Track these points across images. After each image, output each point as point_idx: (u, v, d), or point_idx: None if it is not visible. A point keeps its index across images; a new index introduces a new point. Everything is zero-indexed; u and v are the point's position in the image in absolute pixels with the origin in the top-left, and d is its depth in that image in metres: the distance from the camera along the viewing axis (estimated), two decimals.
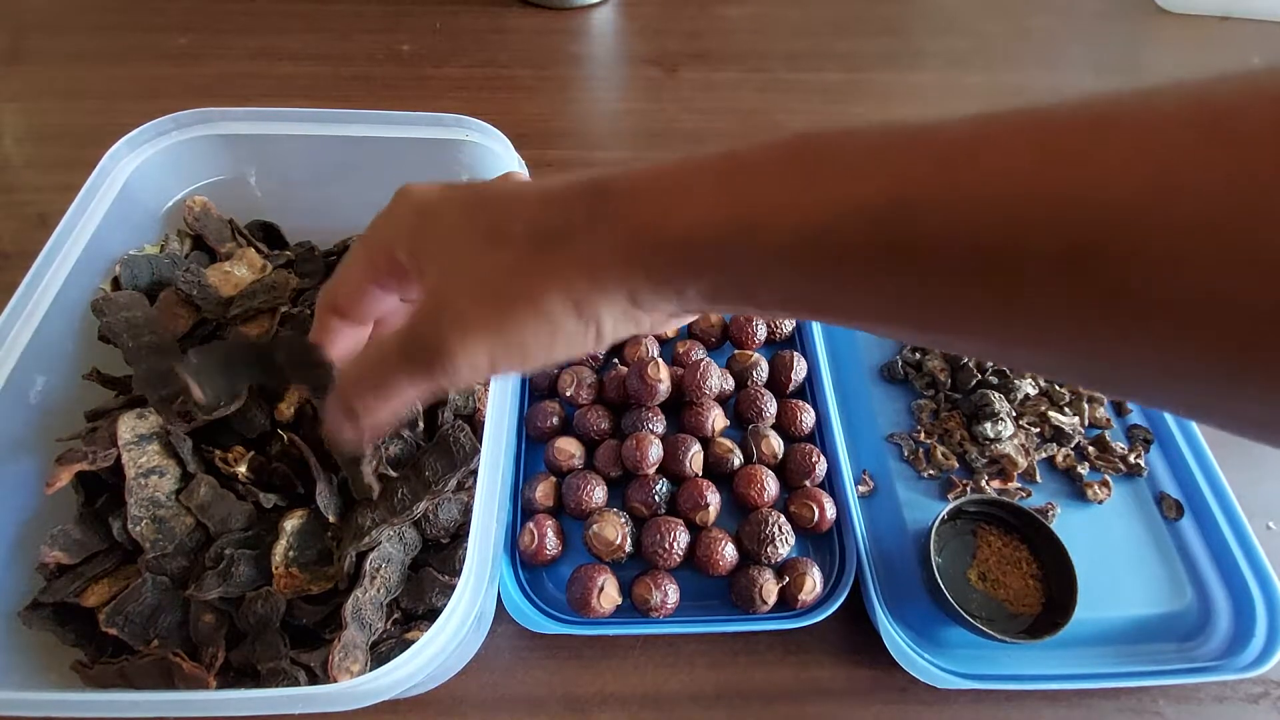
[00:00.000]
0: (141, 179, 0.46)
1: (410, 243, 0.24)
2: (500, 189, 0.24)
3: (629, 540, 0.44)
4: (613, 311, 0.22)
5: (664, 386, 0.48)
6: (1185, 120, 0.14)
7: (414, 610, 0.37)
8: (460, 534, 0.39)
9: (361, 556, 0.36)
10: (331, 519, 0.37)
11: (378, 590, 0.36)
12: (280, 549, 0.35)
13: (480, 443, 0.36)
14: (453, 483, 0.37)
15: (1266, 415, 0.16)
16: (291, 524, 0.36)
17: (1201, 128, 0.14)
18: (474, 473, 0.37)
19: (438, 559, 0.38)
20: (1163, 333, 0.15)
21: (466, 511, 0.39)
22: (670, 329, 0.28)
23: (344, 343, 0.29)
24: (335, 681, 0.32)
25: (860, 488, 0.49)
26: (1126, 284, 0.15)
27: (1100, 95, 0.16)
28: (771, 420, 0.50)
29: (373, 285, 0.26)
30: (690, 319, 0.27)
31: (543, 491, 0.46)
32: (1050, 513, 0.48)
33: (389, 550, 0.36)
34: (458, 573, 0.36)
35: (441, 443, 0.38)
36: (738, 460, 0.47)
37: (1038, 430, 0.52)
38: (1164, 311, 0.15)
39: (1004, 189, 0.16)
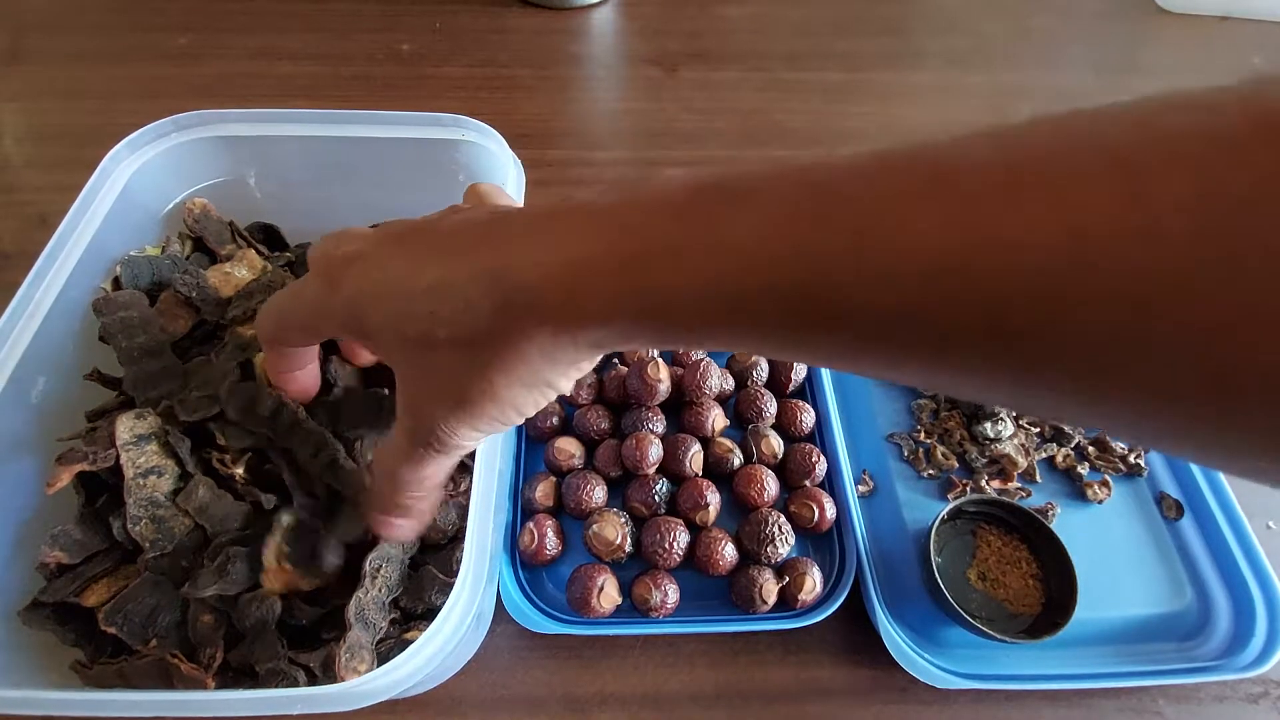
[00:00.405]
0: (142, 180, 0.46)
1: (356, 333, 0.26)
2: (399, 277, 0.24)
3: (629, 540, 0.44)
4: (557, 372, 0.24)
5: (664, 386, 0.48)
6: (1100, 184, 0.14)
7: (413, 609, 0.37)
8: (459, 536, 0.39)
9: (360, 557, 0.36)
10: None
11: (379, 590, 0.36)
12: (274, 543, 0.35)
13: None
14: None
15: (1202, 458, 0.16)
16: (287, 519, 0.36)
17: (1117, 197, 0.14)
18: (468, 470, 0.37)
19: (437, 559, 0.38)
20: (1085, 396, 0.15)
21: (464, 515, 0.39)
22: None
23: (293, 361, 0.34)
24: (343, 682, 0.32)
25: (860, 488, 0.49)
26: (1051, 357, 0.15)
27: (1014, 134, 0.16)
28: (771, 420, 0.50)
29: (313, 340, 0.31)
30: None
31: (543, 491, 0.46)
32: (1050, 513, 0.48)
33: (388, 550, 0.36)
34: (456, 573, 0.36)
35: None
36: (738, 460, 0.47)
37: (1038, 430, 0.52)
38: (1085, 380, 0.15)
39: (916, 262, 0.16)
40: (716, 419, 0.49)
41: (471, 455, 0.36)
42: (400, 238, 0.25)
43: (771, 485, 0.46)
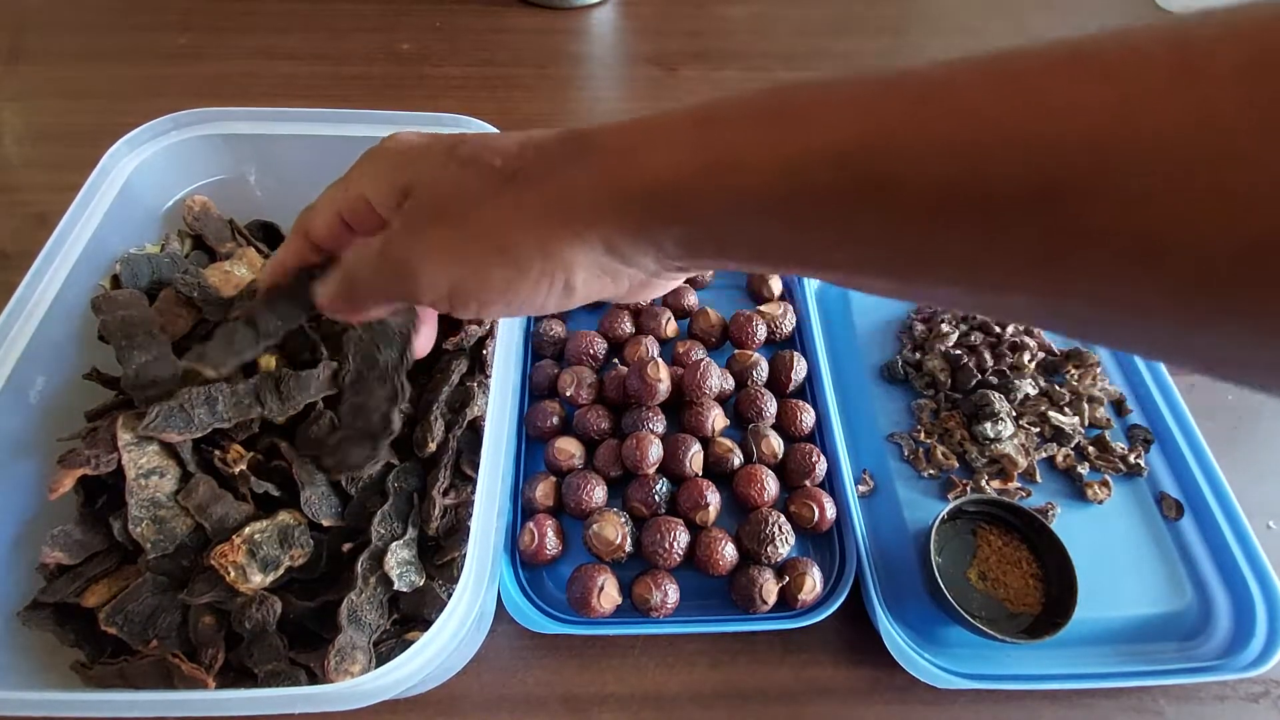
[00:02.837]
0: (141, 179, 0.46)
1: (387, 185, 0.25)
2: (486, 135, 0.24)
3: (629, 540, 0.43)
4: (586, 261, 0.22)
5: (664, 386, 0.48)
6: (1156, 58, 0.14)
7: (413, 616, 0.37)
8: (457, 529, 0.39)
9: (353, 559, 0.36)
10: (326, 523, 0.37)
11: (374, 589, 0.36)
12: (240, 540, 0.35)
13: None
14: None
15: (1233, 354, 0.16)
16: (257, 529, 0.36)
17: (1171, 67, 0.14)
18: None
19: (442, 573, 0.38)
20: (1128, 271, 0.15)
21: (462, 516, 0.39)
22: (646, 298, 0.28)
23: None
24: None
25: (860, 487, 0.49)
26: (1092, 222, 0.15)
27: (1080, 35, 0.16)
28: (771, 420, 0.50)
29: (343, 224, 0.27)
30: (670, 284, 0.26)
31: (543, 491, 0.46)
32: (1050, 512, 0.48)
33: (381, 549, 0.36)
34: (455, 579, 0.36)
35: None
36: (738, 460, 0.47)
37: (1038, 430, 0.52)
38: (1129, 249, 0.15)
39: (971, 129, 0.16)
40: (716, 419, 0.48)
41: (475, 462, 0.35)
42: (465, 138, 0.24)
43: (771, 485, 0.46)
